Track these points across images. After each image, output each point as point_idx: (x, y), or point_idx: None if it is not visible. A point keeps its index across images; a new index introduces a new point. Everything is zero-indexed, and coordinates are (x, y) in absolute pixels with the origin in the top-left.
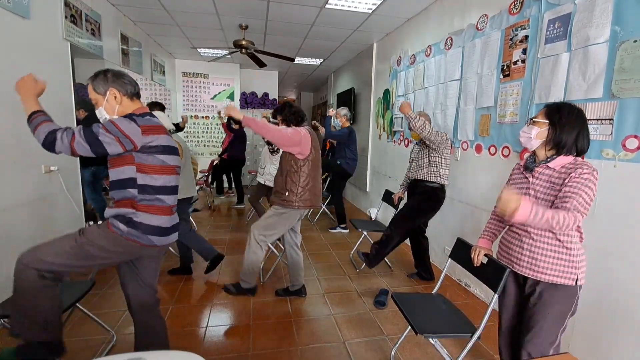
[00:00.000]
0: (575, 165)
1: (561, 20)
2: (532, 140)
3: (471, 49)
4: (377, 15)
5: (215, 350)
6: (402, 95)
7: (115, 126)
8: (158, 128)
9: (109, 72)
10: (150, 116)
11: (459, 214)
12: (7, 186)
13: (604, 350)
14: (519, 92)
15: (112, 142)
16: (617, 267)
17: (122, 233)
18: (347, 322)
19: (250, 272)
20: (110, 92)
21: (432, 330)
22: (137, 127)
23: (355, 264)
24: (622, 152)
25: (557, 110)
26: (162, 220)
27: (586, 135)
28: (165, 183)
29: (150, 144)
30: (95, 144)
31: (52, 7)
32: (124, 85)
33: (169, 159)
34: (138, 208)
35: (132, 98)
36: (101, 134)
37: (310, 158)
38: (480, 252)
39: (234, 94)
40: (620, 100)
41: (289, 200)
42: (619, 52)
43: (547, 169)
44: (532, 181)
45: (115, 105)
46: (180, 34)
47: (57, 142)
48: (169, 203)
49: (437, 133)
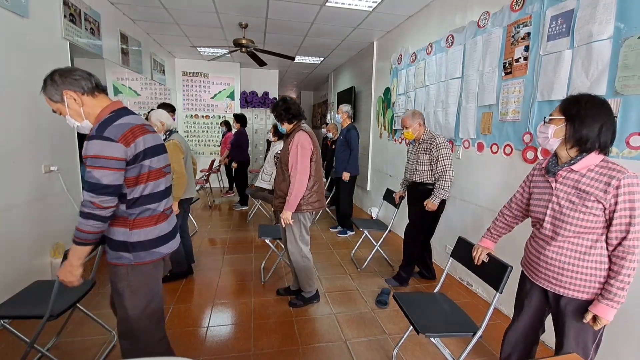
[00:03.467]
0: (609, 169)
1: (564, 17)
2: (549, 139)
3: (472, 46)
4: (377, 13)
5: (216, 351)
6: (402, 93)
7: (99, 158)
8: (134, 129)
9: (56, 73)
10: (119, 113)
11: (461, 213)
12: (7, 186)
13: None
14: (521, 89)
15: (115, 173)
16: None
17: (130, 261)
18: (349, 322)
19: (308, 281)
20: (65, 95)
21: (433, 330)
22: (115, 143)
23: (357, 263)
24: (625, 149)
25: (574, 102)
26: (161, 228)
27: (610, 128)
28: (153, 190)
29: (135, 152)
30: (110, 190)
31: (51, 6)
32: (77, 82)
33: (155, 162)
34: (130, 225)
35: (94, 94)
36: (101, 177)
37: (314, 159)
38: (482, 251)
39: (234, 93)
40: (624, 97)
41: (297, 205)
42: (623, 49)
43: (571, 172)
44: (556, 187)
45: (78, 108)
46: (179, 33)
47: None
48: (160, 209)
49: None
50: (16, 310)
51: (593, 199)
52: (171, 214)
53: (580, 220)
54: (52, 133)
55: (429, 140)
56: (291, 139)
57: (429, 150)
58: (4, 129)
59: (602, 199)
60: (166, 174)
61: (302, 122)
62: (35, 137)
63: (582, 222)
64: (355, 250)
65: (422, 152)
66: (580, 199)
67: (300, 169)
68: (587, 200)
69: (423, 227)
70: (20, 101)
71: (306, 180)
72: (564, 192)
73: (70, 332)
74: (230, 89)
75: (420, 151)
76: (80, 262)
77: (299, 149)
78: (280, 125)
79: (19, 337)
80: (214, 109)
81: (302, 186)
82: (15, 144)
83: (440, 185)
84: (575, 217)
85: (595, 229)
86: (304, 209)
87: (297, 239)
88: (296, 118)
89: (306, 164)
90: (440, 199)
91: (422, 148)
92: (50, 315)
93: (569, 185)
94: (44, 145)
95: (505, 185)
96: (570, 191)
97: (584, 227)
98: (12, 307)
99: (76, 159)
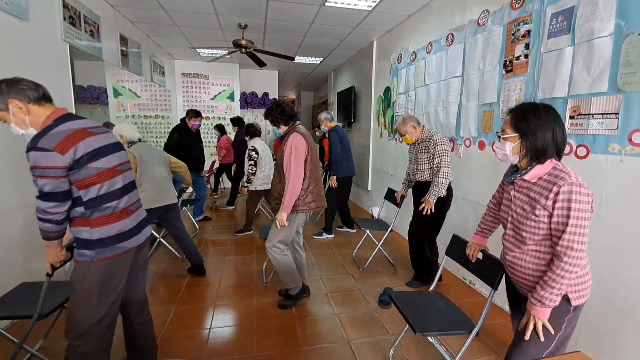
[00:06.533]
0: (555, 176)
1: (564, 14)
2: (509, 157)
3: (473, 44)
4: (376, 13)
5: (219, 352)
6: (403, 92)
7: (37, 168)
8: (72, 135)
9: (2, 82)
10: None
11: (462, 212)
12: (6, 188)
13: (610, 346)
14: (522, 87)
15: (54, 181)
16: (624, 263)
17: (92, 258)
18: (351, 322)
19: (290, 277)
20: (11, 104)
21: (430, 329)
22: (49, 152)
23: (358, 263)
24: (628, 146)
25: (522, 117)
26: (122, 225)
27: (560, 131)
28: (109, 189)
29: (75, 157)
30: (53, 197)
31: (51, 9)
32: (23, 92)
33: (103, 162)
34: (92, 224)
35: (40, 102)
36: (42, 186)
37: (308, 160)
38: (475, 249)
39: (234, 94)
40: (626, 94)
41: (293, 206)
42: (624, 46)
43: (523, 181)
44: (514, 195)
45: (24, 116)
46: (179, 34)
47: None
48: (122, 206)
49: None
50: (4, 311)
51: (539, 206)
52: (137, 210)
53: (532, 227)
54: None
55: (427, 138)
56: (286, 141)
57: (427, 148)
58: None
59: (547, 207)
60: (123, 172)
61: (297, 124)
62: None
63: (534, 229)
64: (357, 250)
65: (421, 151)
66: (531, 207)
67: (294, 170)
68: (536, 209)
69: (430, 225)
70: None
71: (300, 182)
72: (520, 199)
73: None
74: (230, 90)
75: (420, 150)
76: (55, 248)
77: (293, 150)
78: (277, 128)
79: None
80: (214, 110)
81: (297, 187)
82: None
83: (435, 181)
84: (527, 224)
85: (549, 236)
86: (300, 209)
87: (280, 237)
88: (292, 119)
89: (300, 165)
90: (435, 196)
91: (422, 147)
92: (39, 315)
93: (523, 194)
94: None
95: None
96: (524, 199)
97: (537, 234)
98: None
99: None
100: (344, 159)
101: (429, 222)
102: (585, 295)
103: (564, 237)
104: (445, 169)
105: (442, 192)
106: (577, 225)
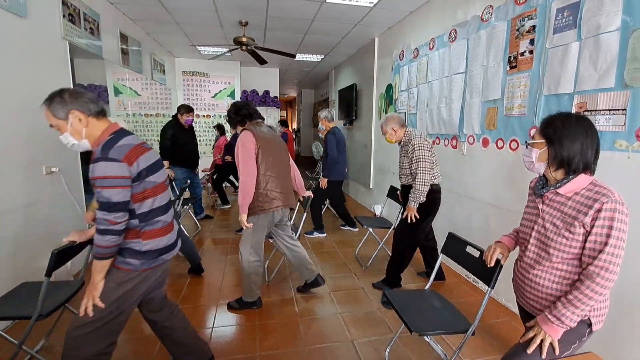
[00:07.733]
0: (595, 192)
1: (570, 9)
2: (534, 164)
3: (476, 40)
4: (378, 9)
5: (221, 351)
6: (405, 90)
7: (107, 179)
8: (134, 150)
9: (66, 92)
10: (119, 135)
11: (466, 210)
12: (8, 187)
13: (617, 347)
14: (527, 83)
15: (123, 190)
16: (632, 262)
17: (137, 267)
18: (355, 321)
19: (249, 288)
20: (72, 115)
21: (426, 328)
22: (120, 163)
23: (361, 261)
24: (635, 142)
25: (550, 123)
26: (168, 239)
27: (591, 145)
28: (161, 202)
29: (138, 170)
30: (120, 207)
31: (50, 6)
32: (86, 105)
33: (157, 177)
34: (143, 236)
35: (98, 116)
36: (110, 196)
37: (260, 156)
38: (494, 249)
39: (234, 92)
40: (634, 89)
41: (249, 208)
42: (631, 41)
43: (557, 195)
44: (542, 208)
45: (81, 128)
46: (179, 32)
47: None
48: (169, 220)
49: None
50: (4, 311)
51: (577, 224)
52: (175, 223)
53: (564, 245)
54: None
55: (408, 142)
56: None
57: (406, 152)
58: (4, 130)
59: (586, 224)
60: (168, 186)
61: (258, 122)
62: (34, 138)
63: (565, 247)
64: (360, 248)
65: (403, 154)
66: (565, 223)
67: (242, 168)
68: (571, 226)
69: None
70: (19, 102)
71: (251, 180)
72: (550, 214)
73: (58, 334)
74: (230, 88)
75: (401, 154)
76: (102, 277)
77: (239, 147)
78: (238, 131)
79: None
80: (214, 108)
81: (247, 186)
82: (16, 145)
83: (413, 188)
84: (558, 241)
85: (579, 255)
86: (260, 210)
87: (249, 242)
88: (248, 118)
89: (248, 163)
90: (415, 202)
91: (403, 151)
92: (39, 315)
93: (555, 208)
94: (44, 146)
95: (511, 180)
96: (556, 214)
97: (568, 253)
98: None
99: (78, 160)
100: (338, 162)
101: (409, 228)
102: (603, 321)
103: (601, 257)
104: (422, 175)
105: (421, 199)
106: (616, 246)
